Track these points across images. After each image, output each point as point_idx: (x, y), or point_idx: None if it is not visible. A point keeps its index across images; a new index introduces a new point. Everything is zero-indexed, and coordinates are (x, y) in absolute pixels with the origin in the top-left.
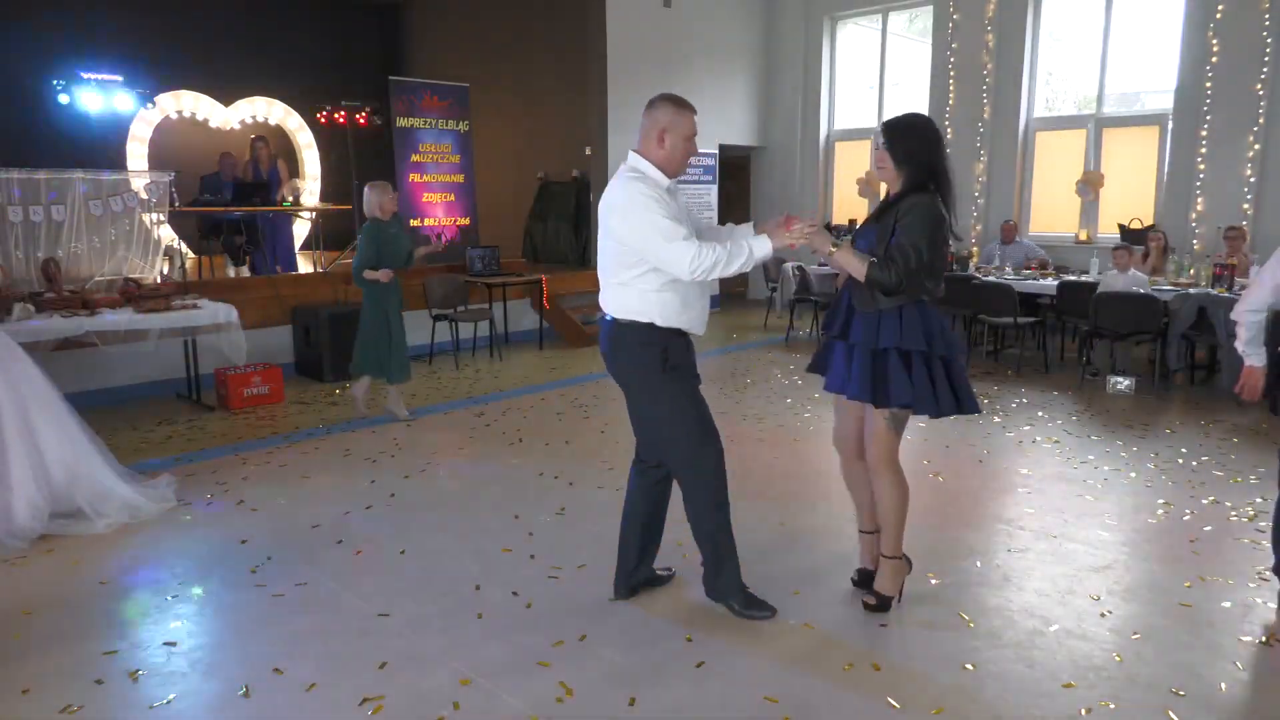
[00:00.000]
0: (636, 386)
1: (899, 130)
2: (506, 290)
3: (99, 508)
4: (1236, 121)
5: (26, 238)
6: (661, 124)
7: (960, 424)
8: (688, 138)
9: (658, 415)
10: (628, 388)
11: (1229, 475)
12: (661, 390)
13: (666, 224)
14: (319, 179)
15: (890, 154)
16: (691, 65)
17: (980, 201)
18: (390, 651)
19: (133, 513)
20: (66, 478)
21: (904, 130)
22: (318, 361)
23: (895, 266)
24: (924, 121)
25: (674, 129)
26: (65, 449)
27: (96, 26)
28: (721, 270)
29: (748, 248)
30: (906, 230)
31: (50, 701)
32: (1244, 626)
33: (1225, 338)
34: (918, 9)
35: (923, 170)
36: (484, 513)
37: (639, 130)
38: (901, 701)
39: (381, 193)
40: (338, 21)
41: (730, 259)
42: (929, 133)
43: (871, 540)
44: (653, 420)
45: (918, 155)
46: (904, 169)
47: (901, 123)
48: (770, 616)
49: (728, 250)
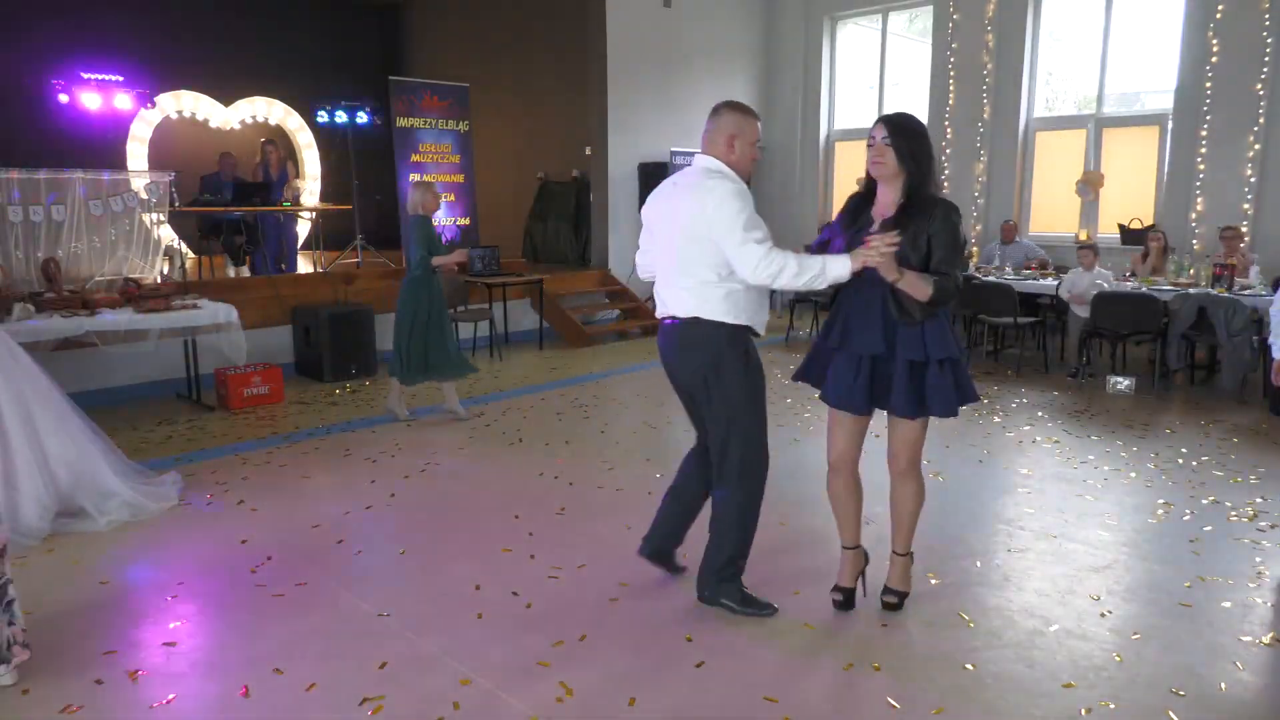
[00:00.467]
0: (715, 384)
1: (906, 129)
2: (506, 290)
3: (101, 506)
4: (1236, 121)
5: (26, 238)
6: (729, 130)
7: (960, 424)
8: (753, 143)
9: (735, 413)
10: (704, 385)
11: (1229, 475)
12: (742, 387)
13: (747, 218)
14: (319, 179)
15: (895, 150)
16: (691, 65)
17: (980, 201)
18: (390, 651)
19: (134, 511)
20: (70, 477)
21: (911, 130)
22: (318, 361)
23: (951, 283)
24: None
25: (742, 135)
26: (68, 448)
27: (96, 26)
28: (789, 280)
29: (821, 263)
30: (946, 248)
31: (50, 701)
32: (1244, 626)
33: (1225, 337)
34: (918, 9)
35: (925, 172)
36: (484, 513)
37: (703, 135)
38: (901, 701)
39: (425, 191)
40: (338, 21)
41: (801, 270)
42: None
43: (856, 556)
44: (728, 418)
45: (919, 155)
46: (906, 167)
47: (908, 121)
48: (772, 613)
49: (799, 261)
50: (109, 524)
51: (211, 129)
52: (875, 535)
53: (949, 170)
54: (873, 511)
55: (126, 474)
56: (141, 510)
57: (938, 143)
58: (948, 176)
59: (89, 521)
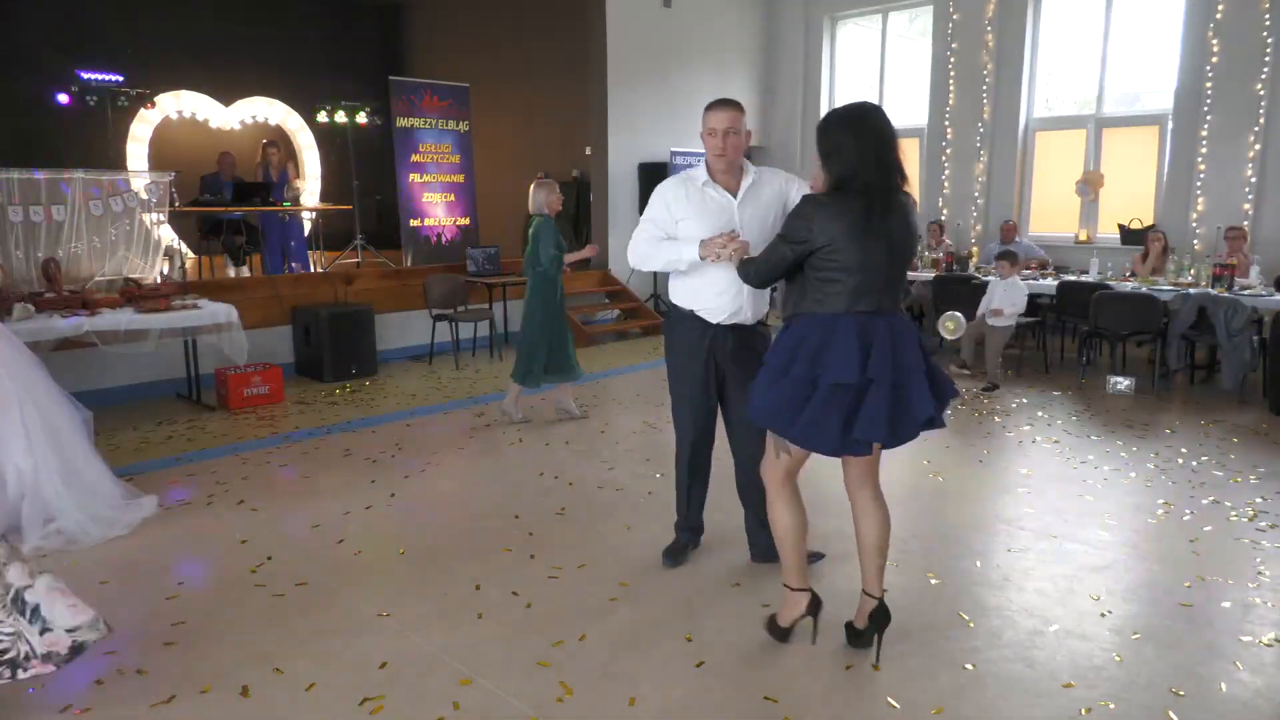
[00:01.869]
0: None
1: (819, 127)
2: (506, 290)
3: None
4: (1236, 121)
5: (26, 238)
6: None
7: (960, 424)
8: (703, 134)
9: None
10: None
11: (1229, 475)
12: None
13: (650, 208)
14: (319, 179)
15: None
16: (691, 65)
17: (980, 201)
18: (390, 651)
19: (69, 540)
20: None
21: (821, 126)
22: (318, 361)
23: (746, 269)
24: (843, 113)
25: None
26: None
27: (96, 26)
28: (647, 261)
29: (679, 249)
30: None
31: (51, 701)
32: (1244, 626)
33: (1225, 337)
34: (918, 9)
35: (842, 169)
36: (484, 513)
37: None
38: (901, 701)
39: (550, 191)
40: (338, 21)
41: (659, 254)
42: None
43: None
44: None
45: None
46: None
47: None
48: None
49: (659, 247)
50: (33, 551)
51: (211, 129)
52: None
53: (949, 170)
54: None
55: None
56: (80, 539)
57: (938, 142)
58: (948, 176)
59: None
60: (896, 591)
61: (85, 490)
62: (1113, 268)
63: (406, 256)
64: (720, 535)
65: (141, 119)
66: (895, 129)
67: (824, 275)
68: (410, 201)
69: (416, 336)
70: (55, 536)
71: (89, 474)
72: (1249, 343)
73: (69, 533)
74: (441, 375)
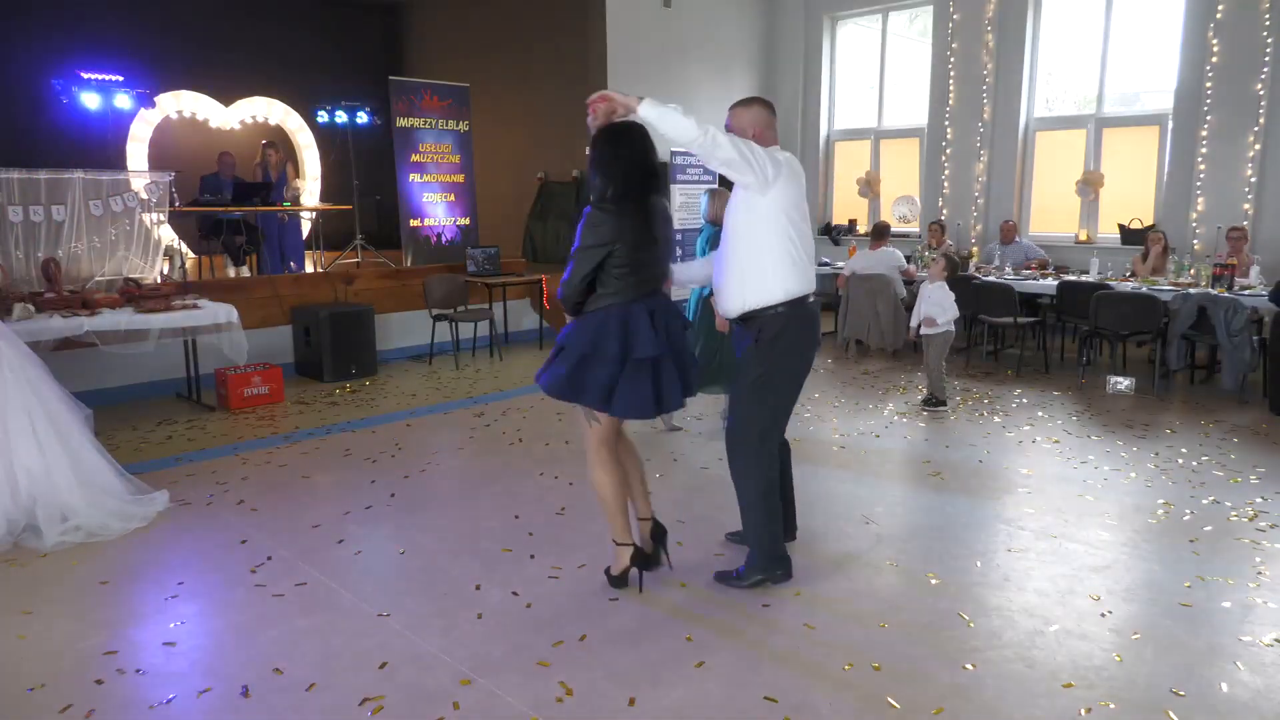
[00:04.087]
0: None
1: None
2: (506, 290)
3: (54, 526)
4: (1236, 121)
5: (26, 238)
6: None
7: (961, 424)
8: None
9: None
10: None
11: (1229, 475)
12: None
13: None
14: (319, 179)
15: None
16: (691, 65)
17: (980, 201)
18: (390, 651)
19: (89, 534)
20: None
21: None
22: (318, 361)
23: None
24: (610, 131)
25: None
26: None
27: (96, 26)
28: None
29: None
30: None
31: (50, 701)
32: (1244, 626)
33: (1225, 337)
34: (918, 9)
35: (603, 183)
36: (484, 513)
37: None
38: (901, 701)
39: (724, 201)
40: (338, 21)
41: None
42: (612, 141)
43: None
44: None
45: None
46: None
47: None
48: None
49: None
50: (55, 546)
51: (211, 129)
52: (874, 535)
53: (949, 170)
54: (872, 511)
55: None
56: (101, 532)
57: (938, 142)
58: (948, 176)
59: (37, 540)
60: (897, 591)
61: (98, 488)
62: (1113, 268)
63: (406, 256)
64: (720, 535)
65: (141, 119)
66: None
67: (618, 271)
68: (410, 201)
69: (416, 336)
70: (75, 533)
71: (99, 472)
72: (1249, 343)
73: (88, 528)
74: (441, 375)
